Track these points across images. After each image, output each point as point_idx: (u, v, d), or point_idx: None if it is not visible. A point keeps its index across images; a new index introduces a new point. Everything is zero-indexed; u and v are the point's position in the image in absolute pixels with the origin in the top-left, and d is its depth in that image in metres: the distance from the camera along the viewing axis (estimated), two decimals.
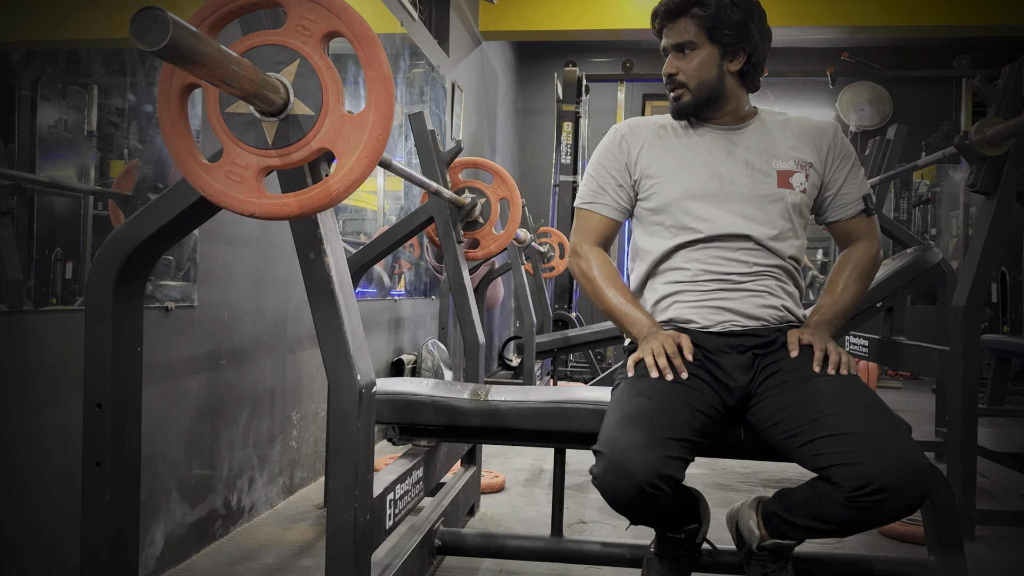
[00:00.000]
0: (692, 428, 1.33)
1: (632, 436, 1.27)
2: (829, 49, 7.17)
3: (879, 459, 1.22)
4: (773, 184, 1.53)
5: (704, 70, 1.53)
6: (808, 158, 1.56)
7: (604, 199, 1.60)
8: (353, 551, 1.18)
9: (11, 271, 1.46)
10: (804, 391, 1.38)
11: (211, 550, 2.10)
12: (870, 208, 1.60)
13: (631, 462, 1.24)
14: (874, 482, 1.21)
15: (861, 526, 1.29)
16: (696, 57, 1.52)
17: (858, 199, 1.59)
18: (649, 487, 1.24)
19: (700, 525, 1.48)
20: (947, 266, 3.22)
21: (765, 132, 1.57)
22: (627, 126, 1.62)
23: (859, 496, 1.23)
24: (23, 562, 1.49)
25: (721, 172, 1.54)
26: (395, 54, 3.87)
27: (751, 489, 2.82)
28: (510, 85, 7.45)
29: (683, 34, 1.52)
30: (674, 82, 1.55)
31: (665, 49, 1.55)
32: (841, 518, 1.27)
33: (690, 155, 1.56)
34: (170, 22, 0.75)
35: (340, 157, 1.01)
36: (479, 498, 2.48)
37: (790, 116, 1.62)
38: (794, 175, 1.54)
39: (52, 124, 1.58)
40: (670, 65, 1.54)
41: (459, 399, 1.64)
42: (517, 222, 2.76)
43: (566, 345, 4.46)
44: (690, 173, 1.54)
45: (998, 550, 2.21)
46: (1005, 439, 2.56)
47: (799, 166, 1.55)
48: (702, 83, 1.53)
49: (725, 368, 1.46)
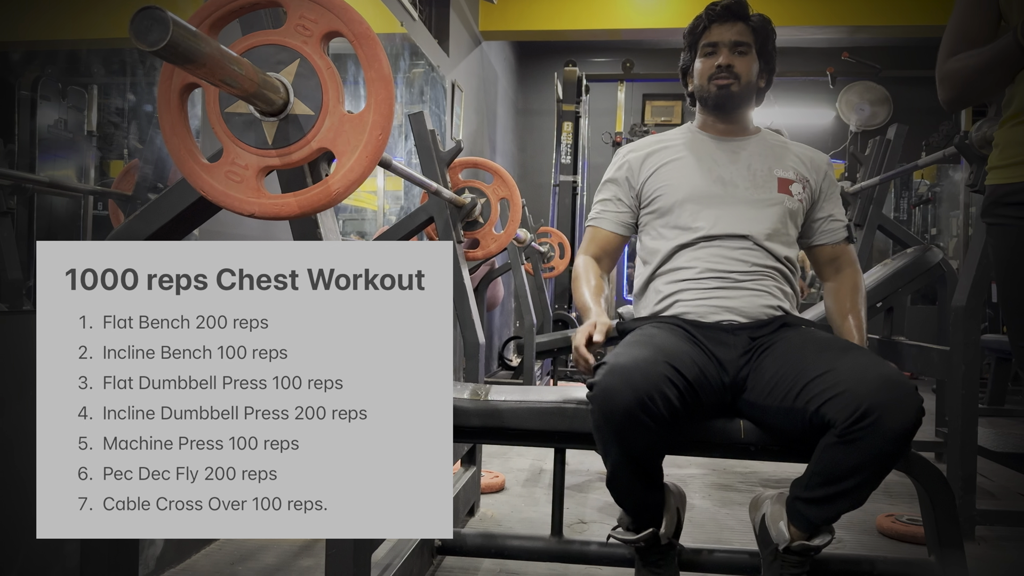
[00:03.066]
0: (689, 370, 1.38)
1: (636, 353, 1.35)
2: (829, 49, 7.17)
3: (862, 383, 1.26)
4: (773, 189, 1.63)
5: (752, 73, 1.66)
6: (806, 175, 1.67)
7: (605, 216, 1.73)
8: (353, 551, 1.18)
9: (11, 271, 1.46)
10: (795, 355, 1.43)
11: (211, 550, 2.10)
12: (852, 237, 1.72)
13: (634, 370, 1.31)
14: (862, 404, 1.24)
15: (871, 467, 1.28)
16: (749, 59, 1.66)
17: (843, 227, 1.71)
18: (648, 399, 1.28)
19: (658, 528, 1.47)
20: (947, 266, 3.21)
21: (767, 145, 1.69)
22: (631, 147, 1.74)
23: (854, 427, 1.25)
24: (23, 562, 1.49)
25: (723, 176, 1.63)
26: (395, 54, 3.87)
27: (751, 489, 2.82)
28: (510, 85, 7.45)
29: (744, 35, 1.65)
30: (730, 72, 1.64)
31: (715, 44, 1.65)
32: (848, 463, 1.28)
33: (694, 161, 1.66)
34: (170, 22, 0.75)
35: (340, 157, 1.01)
36: (479, 498, 2.48)
37: (788, 141, 1.75)
38: (793, 184, 1.65)
39: (52, 124, 1.58)
40: (726, 57, 1.64)
41: (459, 399, 1.64)
42: (517, 222, 2.76)
43: (566, 345, 4.45)
44: (694, 177, 1.64)
45: (998, 550, 2.20)
46: (1005, 439, 2.56)
47: (798, 177, 1.66)
48: (749, 83, 1.66)
49: (723, 343, 1.51)
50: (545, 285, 5.55)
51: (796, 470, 1.42)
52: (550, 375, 5.33)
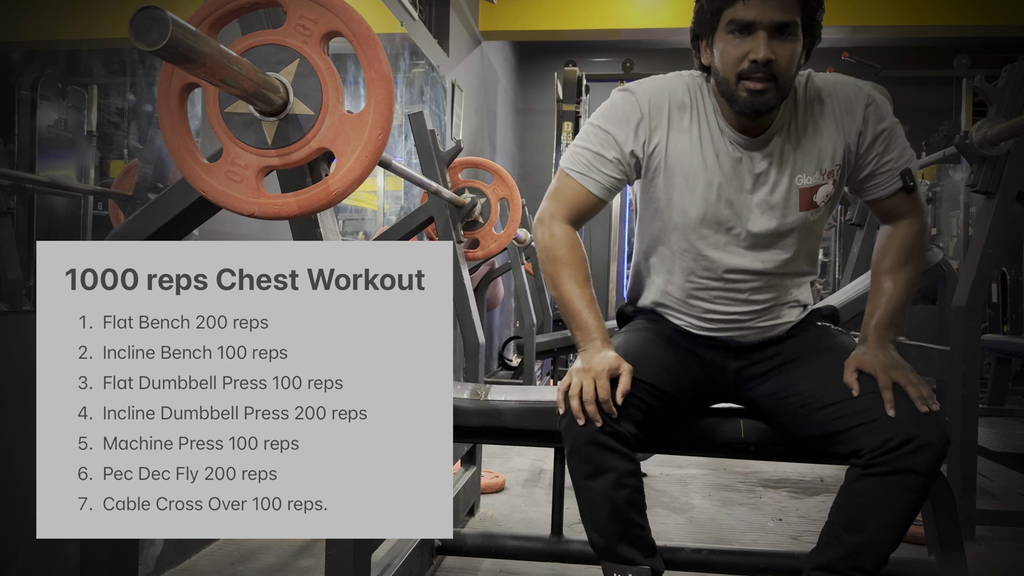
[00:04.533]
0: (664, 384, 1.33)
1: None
2: (829, 49, 7.16)
3: (899, 412, 1.20)
4: (794, 209, 1.35)
5: (795, 62, 1.24)
6: (838, 157, 1.34)
7: (596, 175, 1.37)
8: (353, 551, 1.18)
9: (11, 271, 1.46)
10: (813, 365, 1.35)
11: (211, 550, 2.10)
12: (909, 184, 1.36)
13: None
14: (898, 435, 1.18)
15: (897, 502, 1.19)
16: (794, 44, 1.23)
17: (894, 177, 1.35)
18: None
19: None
20: (947, 266, 3.21)
21: (794, 132, 1.33)
22: (647, 101, 1.34)
23: (885, 453, 1.18)
24: (23, 562, 1.49)
25: (734, 200, 1.35)
26: (395, 54, 3.87)
27: (751, 489, 2.82)
28: (510, 85, 7.44)
29: (791, 11, 1.21)
30: (767, 72, 1.22)
31: (751, 25, 1.21)
32: (874, 497, 1.19)
33: (704, 167, 1.34)
34: (169, 22, 0.75)
35: (340, 157, 1.01)
36: (479, 498, 2.48)
37: (824, 93, 1.34)
38: (819, 189, 1.34)
39: (52, 124, 1.58)
40: (765, 49, 1.20)
41: (459, 399, 1.64)
42: (517, 222, 2.76)
43: (566, 345, 4.46)
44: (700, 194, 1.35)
45: (998, 550, 2.20)
46: (1005, 439, 2.56)
47: (824, 175, 1.34)
48: (788, 80, 1.25)
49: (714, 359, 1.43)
50: (545, 285, 5.55)
51: (796, 470, 1.41)
52: (550, 375, 5.33)
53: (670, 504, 2.62)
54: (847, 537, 1.23)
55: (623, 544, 1.31)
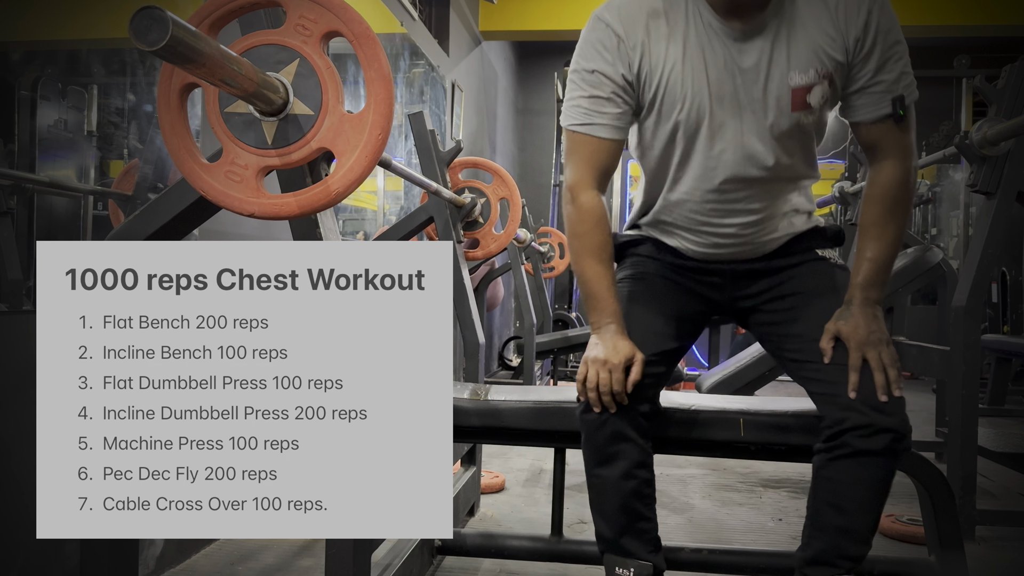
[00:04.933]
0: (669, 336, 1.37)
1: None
2: None
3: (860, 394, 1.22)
4: (787, 108, 1.26)
5: None
6: (835, 56, 1.25)
7: (600, 119, 1.32)
8: (353, 551, 1.18)
9: (11, 271, 1.46)
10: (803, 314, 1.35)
11: (211, 550, 2.10)
12: (898, 112, 1.24)
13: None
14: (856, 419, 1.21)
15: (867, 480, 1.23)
16: None
17: (884, 101, 1.25)
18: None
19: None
20: (947, 266, 3.21)
21: (787, 21, 1.25)
22: (619, 21, 1.29)
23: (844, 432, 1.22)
24: (23, 562, 1.49)
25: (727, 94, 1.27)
26: (395, 54, 3.87)
27: (751, 489, 2.82)
28: (510, 85, 7.45)
29: None
30: None
31: None
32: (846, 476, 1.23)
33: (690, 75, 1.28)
34: (169, 22, 0.75)
35: (340, 157, 1.01)
36: (479, 498, 2.48)
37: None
38: (813, 90, 1.25)
39: (52, 124, 1.58)
40: None
41: (459, 399, 1.64)
42: (517, 222, 2.76)
43: (566, 345, 4.47)
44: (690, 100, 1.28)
45: (998, 550, 2.20)
46: (1005, 439, 2.56)
47: (819, 75, 1.25)
48: None
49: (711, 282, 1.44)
50: (545, 285, 5.56)
51: (796, 470, 1.41)
52: (550, 375, 5.33)
53: (670, 504, 2.62)
54: (828, 523, 1.26)
55: (628, 536, 1.34)
